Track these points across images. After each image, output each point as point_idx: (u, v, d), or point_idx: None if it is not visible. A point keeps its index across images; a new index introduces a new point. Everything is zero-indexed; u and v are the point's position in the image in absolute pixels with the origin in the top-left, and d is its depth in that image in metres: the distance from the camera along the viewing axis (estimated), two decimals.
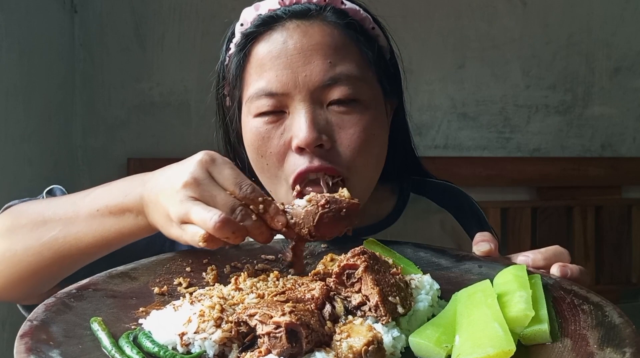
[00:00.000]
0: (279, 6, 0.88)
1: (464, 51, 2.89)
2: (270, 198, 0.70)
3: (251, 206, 0.68)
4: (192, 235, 0.67)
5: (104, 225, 0.77)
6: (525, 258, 0.75)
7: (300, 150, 0.82)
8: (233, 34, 0.93)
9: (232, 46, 0.92)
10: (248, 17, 0.90)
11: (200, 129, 2.48)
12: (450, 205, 1.05)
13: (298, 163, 0.83)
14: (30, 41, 2.01)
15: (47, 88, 2.20)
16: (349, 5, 0.90)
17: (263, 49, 0.86)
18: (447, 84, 2.89)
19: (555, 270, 0.71)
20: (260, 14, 0.88)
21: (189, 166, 0.70)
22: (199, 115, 2.53)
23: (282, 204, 0.72)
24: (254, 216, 0.68)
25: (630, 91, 3.08)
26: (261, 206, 0.69)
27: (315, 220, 0.69)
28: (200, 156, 0.71)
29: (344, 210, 0.70)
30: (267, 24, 0.87)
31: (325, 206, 0.70)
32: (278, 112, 0.85)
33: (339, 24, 0.87)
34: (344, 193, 0.73)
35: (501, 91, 2.95)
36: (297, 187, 0.81)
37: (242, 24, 0.90)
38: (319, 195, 0.72)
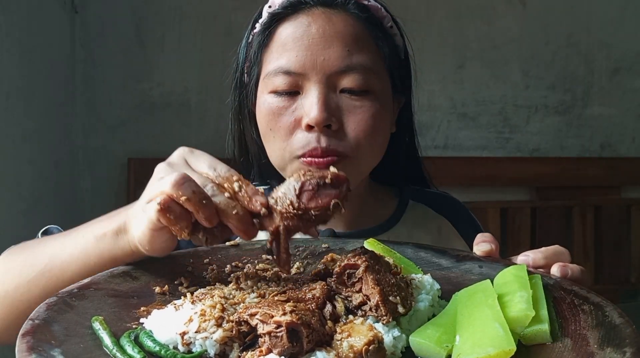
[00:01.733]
0: None
1: (464, 51, 2.89)
2: (247, 181, 0.66)
3: (226, 185, 0.64)
4: (150, 208, 0.63)
5: (86, 250, 0.75)
6: (526, 257, 0.75)
7: (310, 128, 0.87)
8: (260, 15, 0.96)
9: (257, 25, 0.96)
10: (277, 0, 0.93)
11: (200, 129, 2.49)
12: (447, 212, 1.06)
13: (305, 139, 0.87)
14: (31, 41, 2.02)
15: (48, 88, 2.20)
16: (372, 2, 0.95)
17: (287, 30, 0.90)
18: (447, 84, 2.89)
19: (555, 270, 0.71)
20: None
21: (167, 158, 0.70)
22: (200, 115, 2.53)
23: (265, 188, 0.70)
24: (227, 194, 0.63)
25: (629, 91, 3.08)
26: (236, 184, 0.64)
27: (297, 189, 0.63)
28: (178, 149, 0.72)
29: (328, 178, 0.64)
30: (294, 7, 0.91)
31: (307, 174, 0.65)
32: (292, 93, 0.89)
33: (360, 17, 0.91)
34: (330, 169, 0.68)
35: (501, 91, 2.95)
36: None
37: (270, 6, 0.94)
38: (301, 171, 0.67)
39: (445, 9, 2.83)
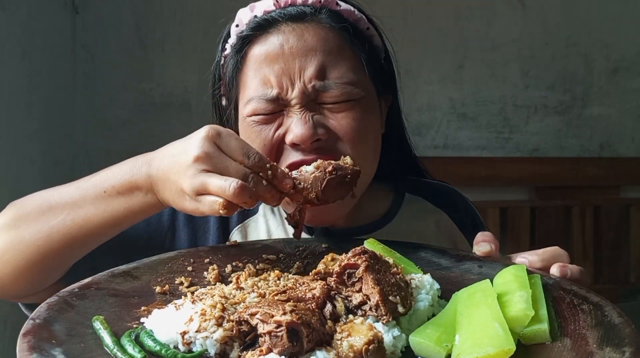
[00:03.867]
0: (274, 8, 0.89)
1: (464, 52, 2.89)
2: (275, 164, 0.75)
3: (260, 173, 0.72)
4: (211, 204, 0.70)
5: (113, 204, 0.78)
6: (523, 259, 0.75)
7: (295, 146, 0.85)
8: (229, 35, 0.93)
9: (227, 46, 0.93)
10: (244, 18, 0.91)
11: None
12: (445, 205, 1.05)
13: (291, 157, 0.85)
14: (32, 42, 2.02)
15: (49, 89, 2.20)
16: (344, 6, 0.91)
17: (259, 52, 0.87)
18: (447, 85, 2.89)
19: (555, 270, 0.72)
20: (256, 16, 0.89)
21: (197, 141, 0.73)
22: (200, 115, 2.53)
23: (289, 170, 0.78)
24: (264, 182, 0.72)
25: (628, 91, 3.08)
26: (269, 171, 0.73)
27: (323, 185, 0.75)
28: (205, 130, 0.75)
29: (349, 176, 0.77)
30: (262, 27, 0.88)
31: (332, 172, 0.76)
32: (275, 113, 0.86)
33: (334, 27, 0.88)
34: (347, 159, 0.80)
35: (500, 91, 2.96)
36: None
37: (237, 25, 0.91)
38: (325, 162, 0.78)
39: (445, 10, 2.83)
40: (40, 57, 2.08)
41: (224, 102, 0.97)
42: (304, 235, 0.83)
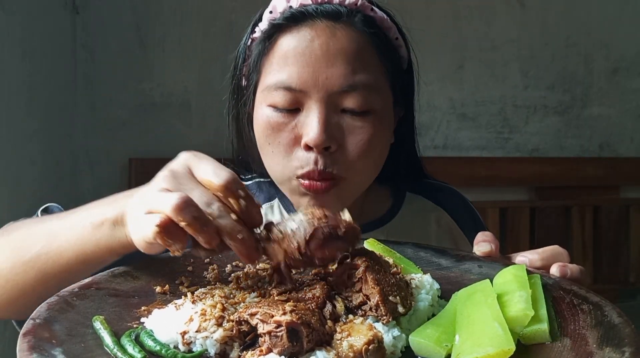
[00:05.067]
0: (310, 2, 0.88)
1: (463, 52, 2.89)
2: (253, 198, 0.63)
3: (232, 201, 0.61)
4: (148, 222, 0.60)
5: (83, 237, 0.71)
6: (523, 258, 0.75)
7: (308, 148, 0.84)
8: (260, 19, 0.93)
9: (257, 29, 0.92)
10: (278, 6, 0.90)
11: (201, 130, 2.49)
12: (446, 204, 1.05)
13: (304, 160, 0.85)
14: (32, 42, 2.02)
15: (49, 89, 2.20)
16: (378, 13, 0.91)
17: (289, 43, 0.86)
18: (447, 85, 2.89)
19: (555, 269, 0.71)
20: (291, 6, 0.89)
21: (170, 164, 0.66)
22: (200, 115, 2.53)
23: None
24: (233, 216, 0.60)
25: (628, 92, 3.09)
26: (242, 200, 0.60)
27: (309, 233, 0.60)
28: (182, 154, 0.67)
29: (342, 230, 0.61)
30: (297, 19, 0.87)
31: (323, 219, 0.61)
32: (292, 110, 0.86)
33: (366, 32, 0.87)
34: (345, 215, 0.64)
35: (500, 91, 2.96)
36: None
37: (271, 12, 0.90)
38: (316, 208, 0.64)
39: (444, 10, 2.84)
40: (40, 57, 2.08)
41: (243, 82, 0.96)
42: None
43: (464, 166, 2.88)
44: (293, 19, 0.87)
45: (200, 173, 0.63)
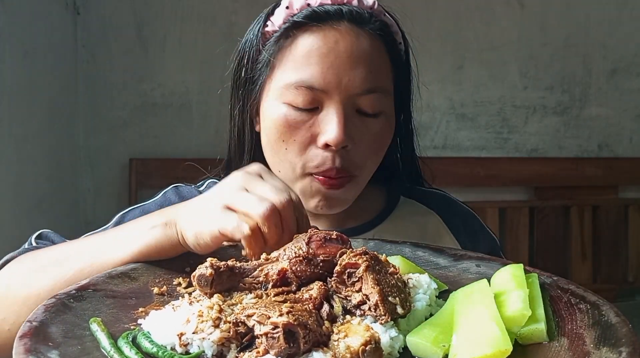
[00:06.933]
0: (330, 2, 0.88)
1: (463, 52, 2.89)
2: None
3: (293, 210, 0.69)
4: (239, 222, 0.66)
5: (136, 241, 0.74)
6: None
7: (326, 146, 0.85)
8: (272, 12, 0.92)
9: (269, 23, 0.91)
10: (295, 2, 0.89)
11: (201, 130, 2.49)
12: (437, 207, 1.06)
13: (321, 158, 0.86)
14: (33, 43, 2.02)
15: (50, 89, 2.21)
16: (388, 19, 0.93)
17: (312, 42, 0.86)
18: (446, 85, 2.89)
19: None
20: (309, 4, 0.88)
21: (238, 171, 0.73)
22: (200, 116, 2.53)
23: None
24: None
25: (626, 92, 3.09)
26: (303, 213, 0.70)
27: (306, 240, 0.67)
28: (257, 164, 0.75)
29: (333, 235, 0.68)
30: (320, 19, 0.87)
31: (313, 230, 0.69)
32: (311, 109, 0.86)
33: (382, 37, 0.89)
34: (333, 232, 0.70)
35: (499, 92, 2.96)
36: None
37: (287, 7, 0.89)
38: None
39: (444, 10, 2.84)
40: (41, 58, 2.09)
41: (243, 73, 0.95)
42: None
43: (463, 166, 2.88)
44: (315, 19, 0.87)
45: (272, 181, 0.71)
